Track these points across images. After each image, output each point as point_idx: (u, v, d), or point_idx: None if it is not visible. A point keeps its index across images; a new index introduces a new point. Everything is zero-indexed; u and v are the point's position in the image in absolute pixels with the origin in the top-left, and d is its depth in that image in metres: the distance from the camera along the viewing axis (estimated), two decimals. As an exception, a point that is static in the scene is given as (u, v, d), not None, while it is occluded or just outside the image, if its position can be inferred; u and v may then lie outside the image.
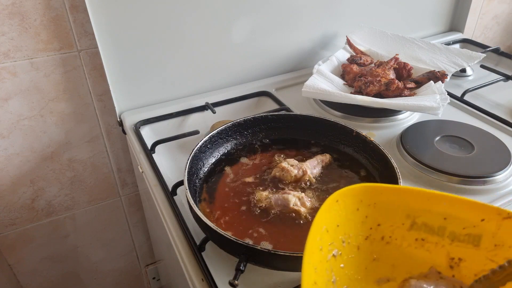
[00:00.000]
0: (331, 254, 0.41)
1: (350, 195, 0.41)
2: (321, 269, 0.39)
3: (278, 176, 0.61)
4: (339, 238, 0.42)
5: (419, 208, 0.42)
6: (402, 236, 0.43)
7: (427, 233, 0.43)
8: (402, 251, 0.44)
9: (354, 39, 0.97)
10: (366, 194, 0.42)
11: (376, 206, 0.43)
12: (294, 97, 0.89)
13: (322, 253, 0.39)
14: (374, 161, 0.63)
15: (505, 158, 0.67)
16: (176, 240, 0.57)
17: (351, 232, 0.42)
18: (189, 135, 0.76)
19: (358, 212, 0.42)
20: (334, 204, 0.40)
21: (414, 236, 0.43)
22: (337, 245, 0.41)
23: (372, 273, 0.44)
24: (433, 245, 0.43)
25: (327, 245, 0.40)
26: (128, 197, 1.04)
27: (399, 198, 0.42)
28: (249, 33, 0.89)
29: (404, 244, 0.44)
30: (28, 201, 0.90)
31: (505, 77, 0.94)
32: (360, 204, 0.42)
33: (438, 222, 0.42)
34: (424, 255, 0.43)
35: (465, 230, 0.41)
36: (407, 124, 0.79)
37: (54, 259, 1.03)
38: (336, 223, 0.41)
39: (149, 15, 0.77)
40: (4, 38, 0.72)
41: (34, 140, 0.84)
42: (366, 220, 0.43)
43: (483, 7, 1.29)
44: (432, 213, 0.42)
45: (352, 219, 0.42)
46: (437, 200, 0.41)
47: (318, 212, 0.38)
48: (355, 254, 0.43)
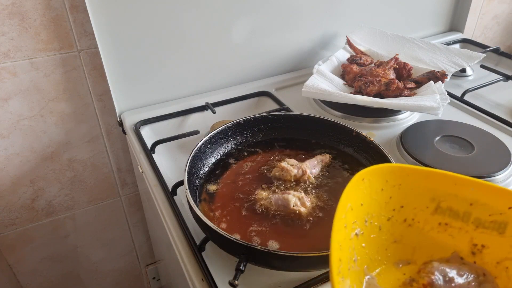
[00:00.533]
0: (354, 233, 0.41)
1: (377, 174, 0.41)
2: (345, 246, 0.39)
3: (278, 176, 0.61)
4: (362, 217, 0.41)
5: (445, 192, 0.42)
6: (425, 220, 0.43)
7: (451, 217, 0.42)
8: (424, 235, 0.43)
9: (354, 39, 0.97)
10: (392, 174, 0.42)
11: (401, 187, 0.42)
12: (294, 97, 0.89)
13: (346, 230, 0.39)
14: (374, 161, 0.63)
15: (505, 158, 0.67)
16: (176, 240, 0.57)
17: (374, 212, 0.42)
18: (189, 135, 0.76)
19: (382, 192, 0.42)
20: (360, 182, 0.40)
21: (437, 220, 0.43)
22: (360, 224, 0.41)
23: (392, 255, 0.44)
24: (457, 230, 0.42)
25: (351, 223, 0.40)
26: (128, 197, 1.04)
27: (425, 181, 0.42)
28: (249, 33, 0.89)
29: (426, 228, 0.43)
30: (28, 201, 0.90)
31: (505, 77, 0.94)
32: (385, 184, 0.42)
33: (464, 207, 0.41)
34: (446, 240, 0.43)
35: (491, 217, 0.40)
36: (407, 124, 0.79)
37: (54, 259, 1.03)
38: (360, 202, 0.41)
39: (149, 15, 0.77)
40: (4, 38, 0.72)
41: (34, 140, 0.84)
42: (390, 201, 0.42)
43: (483, 7, 1.29)
44: (458, 198, 0.41)
45: (376, 199, 0.42)
46: (465, 185, 0.41)
47: (345, 189, 0.38)
48: (376, 234, 0.43)
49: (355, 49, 0.96)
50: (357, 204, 0.40)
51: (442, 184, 0.42)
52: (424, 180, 0.42)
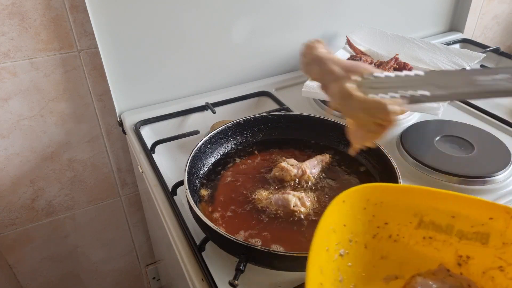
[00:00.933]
0: (338, 254, 0.41)
1: (357, 195, 0.42)
2: (328, 269, 0.39)
3: (278, 175, 0.61)
4: (346, 238, 0.42)
5: (427, 207, 0.42)
6: (409, 234, 0.44)
7: (435, 231, 0.43)
8: (410, 249, 0.44)
9: (354, 39, 0.97)
10: (373, 193, 0.42)
11: (383, 205, 0.43)
12: (294, 97, 0.89)
13: (328, 253, 0.40)
14: (374, 161, 0.63)
15: (505, 158, 0.67)
16: (176, 240, 0.57)
17: (358, 231, 0.43)
18: (189, 135, 0.76)
19: (365, 211, 0.42)
20: (341, 205, 0.40)
21: (421, 234, 0.43)
22: (344, 245, 0.42)
23: (379, 271, 0.44)
24: (441, 243, 0.43)
25: (334, 245, 0.40)
26: (128, 197, 1.04)
27: (406, 197, 0.43)
28: (249, 33, 0.89)
29: (411, 242, 0.44)
30: (28, 201, 0.90)
31: (505, 77, 0.93)
32: (367, 203, 0.42)
33: (446, 220, 0.42)
34: (432, 253, 0.43)
35: (473, 229, 0.41)
36: (407, 124, 0.79)
37: (54, 259, 1.03)
38: (343, 223, 0.41)
39: (149, 15, 0.77)
40: (4, 38, 0.72)
41: (34, 140, 0.84)
42: (373, 219, 0.43)
43: (483, 7, 1.29)
44: (440, 212, 0.42)
45: (359, 218, 0.42)
46: (445, 199, 0.42)
47: (323, 214, 0.38)
48: (362, 252, 0.43)
49: (355, 49, 0.96)
50: (339, 226, 0.41)
51: (422, 199, 0.42)
52: (405, 196, 0.43)
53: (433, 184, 0.65)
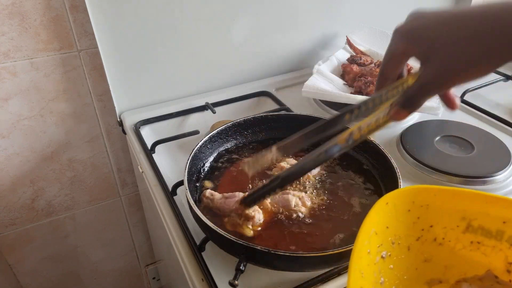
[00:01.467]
0: (380, 256, 0.40)
1: (401, 196, 0.41)
2: (368, 272, 0.38)
3: (278, 176, 0.61)
4: (388, 240, 0.41)
5: (476, 211, 0.41)
6: (456, 238, 0.42)
7: (483, 236, 0.41)
8: (455, 253, 0.43)
9: (354, 39, 0.97)
10: (418, 195, 0.41)
11: (429, 207, 0.42)
12: (294, 97, 0.89)
13: (370, 256, 0.39)
14: (374, 161, 0.63)
15: (505, 158, 0.67)
16: (176, 240, 0.57)
17: (401, 233, 0.42)
18: (189, 135, 0.76)
19: (409, 213, 0.42)
20: (384, 207, 0.40)
21: (469, 239, 0.42)
22: (386, 247, 0.41)
23: (423, 274, 0.43)
24: (490, 248, 0.42)
25: (376, 247, 0.40)
26: (128, 197, 1.04)
27: (453, 200, 0.41)
28: (249, 33, 0.89)
29: (458, 246, 0.43)
30: (28, 201, 0.90)
31: (505, 77, 0.94)
32: (411, 206, 0.41)
33: (496, 225, 0.41)
34: (479, 258, 0.42)
35: None
36: (407, 124, 0.79)
37: (54, 259, 1.03)
38: (385, 225, 0.40)
39: (149, 15, 0.77)
40: (4, 38, 0.72)
41: (34, 140, 0.84)
42: (418, 221, 0.42)
43: (483, 7, 1.29)
44: (490, 216, 0.41)
45: (403, 221, 0.41)
46: (495, 203, 0.40)
47: (366, 216, 0.38)
48: (405, 255, 0.42)
49: (355, 49, 0.96)
50: (382, 228, 0.40)
51: (471, 203, 0.41)
52: (452, 199, 0.41)
53: (433, 184, 0.65)
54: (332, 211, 0.56)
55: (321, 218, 0.54)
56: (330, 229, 0.53)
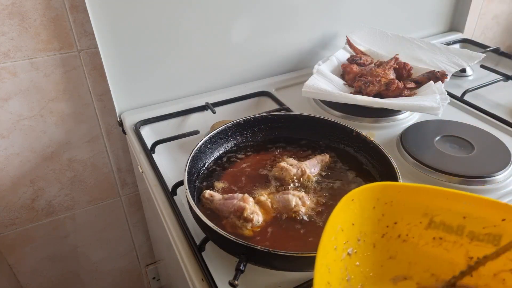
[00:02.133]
0: (346, 253, 0.40)
1: (366, 193, 0.41)
2: (335, 268, 0.39)
3: (278, 175, 0.61)
4: (354, 237, 0.41)
5: (438, 207, 0.42)
6: (419, 235, 0.43)
7: (445, 232, 0.42)
8: (419, 250, 0.43)
9: (354, 39, 0.97)
10: (383, 192, 0.42)
11: (393, 204, 0.42)
12: (294, 97, 0.89)
13: (336, 252, 0.39)
14: (374, 161, 0.63)
15: (505, 158, 0.67)
16: (176, 240, 0.57)
17: (367, 230, 0.42)
18: (189, 135, 0.76)
19: (374, 210, 0.42)
20: (350, 203, 0.40)
21: (431, 235, 0.43)
22: (352, 244, 0.41)
23: (388, 271, 0.44)
24: (451, 244, 0.42)
25: (342, 244, 0.40)
26: (128, 197, 1.04)
27: (416, 197, 0.42)
28: (249, 33, 0.89)
29: (421, 243, 0.43)
30: (28, 201, 0.90)
31: (505, 77, 0.94)
32: (376, 203, 0.42)
33: (457, 221, 0.41)
34: (442, 254, 0.43)
35: (485, 230, 0.40)
36: (407, 124, 0.79)
37: (54, 259, 1.03)
38: (351, 222, 0.41)
39: (149, 15, 0.77)
40: (4, 38, 0.72)
41: (34, 140, 0.84)
42: (383, 218, 0.42)
43: (483, 7, 1.29)
44: (451, 212, 0.41)
45: (368, 217, 0.42)
46: (457, 199, 0.41)
47: (332, 212, 0.38)
48: (370, 252, 0.43)
49: (355, 49, 0.96)
50: (348, 225, 0.40)
51: (433, 199, 0.42)
52: (415, 196, 0.42)
53: (433, 184, 0.65)
54: (332, 210, 0.55)
55: (321, 218, 0.54)
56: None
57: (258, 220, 0.53)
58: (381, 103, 0.74)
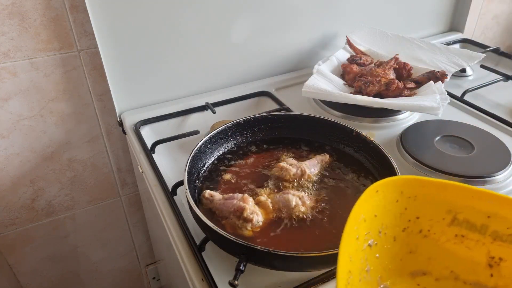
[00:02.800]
0: (367, 244, 0.40)
1: (391, 186, 0.41)
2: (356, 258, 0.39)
3: (278, 175, 0.61)
4: (376, 228, 0.41)
5: (462, 205, 0.41)
6: (441, 231, 0.43)
7: (468, 230, 0.42)
8: (439, 246, 0.43)
9: (354, 39, 0.97)
10: (407, 186, 0.41)
11: (416, 199, 0.42)
12: (294, 97, 0.89)
13: (358, 242, 0.39)
14: (374, 161, 0.63)
15: (505, 158, 0.67)
16: (176, 240, 0.57)
17: (388, 223, 0.42)
18: (189, 135, 0.76)
19: (397, 203, 0.42)
20: (374, 194, 0.40)
21: (454, 232, 0.42)
22: (374, 235, 0.41)
23: (407, 265, 0.43)
24: (474, 242, 0.42)
25: (364, 235, 0.40)
26: (128, 197, 1.04)
27: (441, 193, 0.41)
28: (249, 33, 0.89)
29: (442, 239, 0.43)
30: (28, 201, 0.90)
31: (505, 77, 0.94)
32: (400, 196, 0.41)
33: (481, 220, 0.41)
34: (462, 252, 0.42)
35: (509, 230, 0.40)
36: (407, 124, 0.79)
37: (54, 259, 1.03)
38: (374, 213, 0.41)
39: (149, 15, 0.77)
40: (4, 38, 0.72)
41: (34, 140, 0.84)
42: (405, 212, 0.42)
43: (483, 7, 1.29)
44: (476, 211, 0.41)
45: (391, 210, 0.42)
46: (482, 198, 0.40)
47: (357, 202, 0.38)
48: (391, 245, 0.42)
49: (355, 49, 0.96)
50: (370, 216, 0.40)
51: (459, 196, 0.41)
52: (441, 192, 0.42)
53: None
54: (332, 210, 0.56)
55: (321, 218, 0.54)
56: (330, 229, 0.53)
57: (258, 220, 0.53)
58: (381, 103, 0.74)
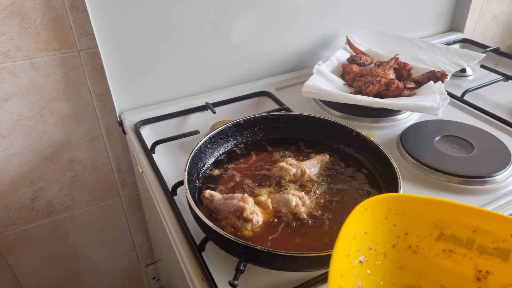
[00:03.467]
0: (358, 260, 0.41)
1: (379, 203, 0.42)
2: (347, 274, 0.39)
3: (277, 175, 0.61)
4: (366, 245, 0.42)
5: (448, 220, 0.42)
6: (429, 246, 0.44)
7: (455, 244, 0.43)
8: (429, 261, 0.44)
9: (354, 39, 0.97)
10: (395, 203, 0.43)
11: (404, 215, 0.43)
12: (294, 97, 0.89)
13: (349, 259, 0.40)
14: (374, 161, 0.63)
15: (505, 158, 0.67)
16: (176, 240, 0.57)
17: (378, 239, 0.43)
18: (189, 135, 0.76)
19: (386, 220, 0.43)
20: (363, 212, 0.41)
21: (441, 247, 0.43)
22: (364, 252, 0.42)
23: (398, 281, 0.44)
24: (461, 256, 0.43)
25: (354, 251, 0.41)
26: (128, 197, 1.04)
27: (428, 209, 0.43)
28: (249, 33, 0.89)
29: (431, 254, 0.44)
30: (28, 201, 0.90)
31: (505, 77, 0.94)
32: (388, 213, 0.43)
33: (467, 234, 0.42)
34: (451, 266, 0.43)
35: (494, 244, 0.41)
36: (407, 124, 0.79)
37: (54, 259, 1.03)
38: (364, 230, 0.42)
39: (149, 15, 0.77)
40: (4, 38, 0.72)
41: (34, 140, 0.84)
42: (394, 228, 0.43)
43: (483, 7, 1.29)
44: (461, 225, 0.42)
45: (380, 227, 0.43)
46: (467, 213, 0.41)
47: (346, 219, 0.39)
48: (381, 261, 0.43)
49: (355, 49, 0.96)
50: (360, 233, 0.41)
51: (444, 212, 0.42)
52: (426, 208, 0.43)
53: (433, 184, 0.65)
54: (332, 210, 0.56)
55: (321, 218, 0.54)
56: (330, 229, 0.53)
57: (257, 220, 0.53)
58: (381, 103, 0.74)
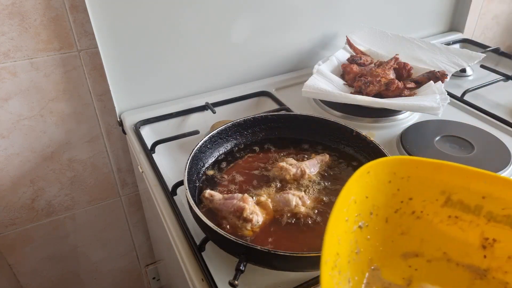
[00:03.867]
0: (357, 226, 0.40)
1: (384, 166, 0.40)
2: (345, 240, 0.38)
3: (278, 175, 0.61)
4: (367, 210, 0.40)
5: (456, 185, 0.40)
6: (434, 212, 0.42)
7: (461, 211, 0.41)
8: (432, 227, 0.42)
9: (354, 39, 0.97)
10: (400, 166, 0.41)
11: (409, 179, 0.41)
12: (294, 97, 0.89)
13: (347, 224, 0.38)
14: (374, 161, 0.63)
15: (505, 158, 0.67)
16: (176, 240, 0.57)
17: (380, 204, 0.41)
18: (189, 135, 0.76)
19: (390, 184, 0.41)
20: (365, 175, 0.39)
21: (447, 213, 0.42)
22: (364, 217, 0.40)
23: (399, 247, 0.43)
24: (467, 223, 0.41)
25: (354, 216, 0.39)
26: (128, 197, 1.04)
27: (436, 173, 0.41)
28: (249, 33, 0.89)
29: (435, 220, 0.42)
30: (28, 201, 0.90)
31: (505, 77, 0.94)
32: (393, 177, 0.41)
33: (476, 200, 0.40)
34: (456, 233, 0.42)
35: (504, 211, 0.39)
36: (407, 124, 0.79)
37: (54, 259, 1.03)
38: (365, 195, 0.40)
39: (149, 15, 0.77)
40: (4, 38, 0.72)
41: (34, 140, 0.84)
42: (398, 193, 0.41)
43: (483, 7, 1.29)
44: (470, 191, 0.40)
45: (383, 191, 0.41)
46: (477, 178, 0.40)
47: (346, 183, 0.37)
48: (382, 226, 0.42)
49: (355, 49, 0.96)
50: (361, 197, 0.39)
51: (453, 177, 0.40)
52: (435, 172, 0.41)
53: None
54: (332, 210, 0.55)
55: (321, 218, 0.54)
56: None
57: (257, 220, 0.53)
58: (381, 103, 0.74)
